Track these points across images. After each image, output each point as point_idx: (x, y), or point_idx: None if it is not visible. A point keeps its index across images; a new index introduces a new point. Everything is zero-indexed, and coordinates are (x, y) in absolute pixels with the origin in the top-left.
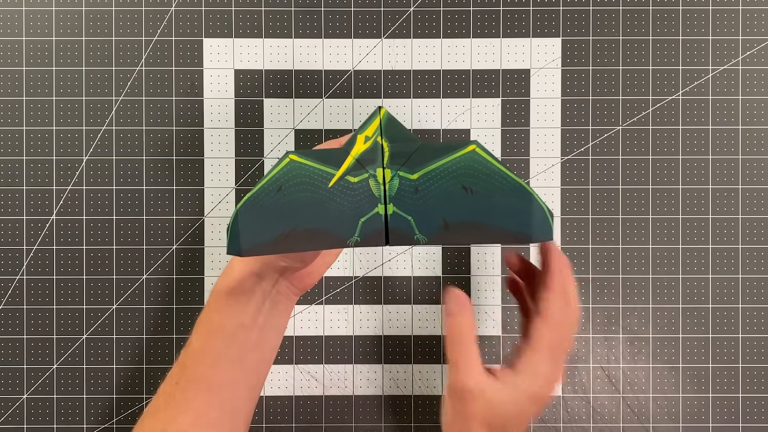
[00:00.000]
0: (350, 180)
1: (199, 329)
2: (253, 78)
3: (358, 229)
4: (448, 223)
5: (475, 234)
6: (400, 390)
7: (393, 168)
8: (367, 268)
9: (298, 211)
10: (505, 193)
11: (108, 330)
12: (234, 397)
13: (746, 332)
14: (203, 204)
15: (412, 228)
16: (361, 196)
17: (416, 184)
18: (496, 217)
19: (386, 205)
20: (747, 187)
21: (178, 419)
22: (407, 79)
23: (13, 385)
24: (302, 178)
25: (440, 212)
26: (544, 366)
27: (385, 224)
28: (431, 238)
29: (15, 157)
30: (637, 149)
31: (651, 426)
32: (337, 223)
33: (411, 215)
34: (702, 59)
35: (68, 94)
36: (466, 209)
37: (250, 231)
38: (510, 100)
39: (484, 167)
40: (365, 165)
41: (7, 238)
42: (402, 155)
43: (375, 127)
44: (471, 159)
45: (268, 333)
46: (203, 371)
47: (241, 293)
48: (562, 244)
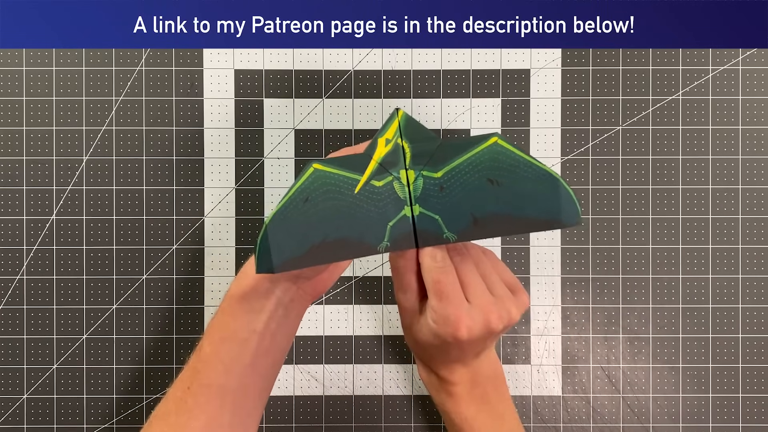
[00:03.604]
0: (375, 184)
1: (212, 334)
2: (253, 78)
3: (387, 233)
4: (477, 217)
5: (505, 225)
6: (400, 390)
7: (416, 168)
8: (367, 268)
9: (327, 221)
10: (531, 181)
11: (108, 330)
12: (246, 401)
13: (746, 332)
14: (203, 204)
15: (440, 227)
16: (387, 200)
17: (441, 182)
18: (524, 207)
19: (412, 206)
20: (747, 187)
21: (191, 424)
22: (407, 79)
23: (13, 385)
24: (328, 186)
25: (467, 208)
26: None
27: (413, 226)
28: (460, 234)
29: (15, 157)
30: (637, 149)
31: (651, 426)
32: (366, 230)
33: (438, 214)
34: (702, 59)
35: (68, 94)
36: (494, 202)
37: (280, 246)
38: (510, 100)
39: (508, 158)
40: (388, 168)
41: (7, 238)
42: (424, 155)
43: (394, 129)
44: (494, 151)
45: (280, 338)
46: (216, 377)
47: (255, 299)
48: (562, 244)
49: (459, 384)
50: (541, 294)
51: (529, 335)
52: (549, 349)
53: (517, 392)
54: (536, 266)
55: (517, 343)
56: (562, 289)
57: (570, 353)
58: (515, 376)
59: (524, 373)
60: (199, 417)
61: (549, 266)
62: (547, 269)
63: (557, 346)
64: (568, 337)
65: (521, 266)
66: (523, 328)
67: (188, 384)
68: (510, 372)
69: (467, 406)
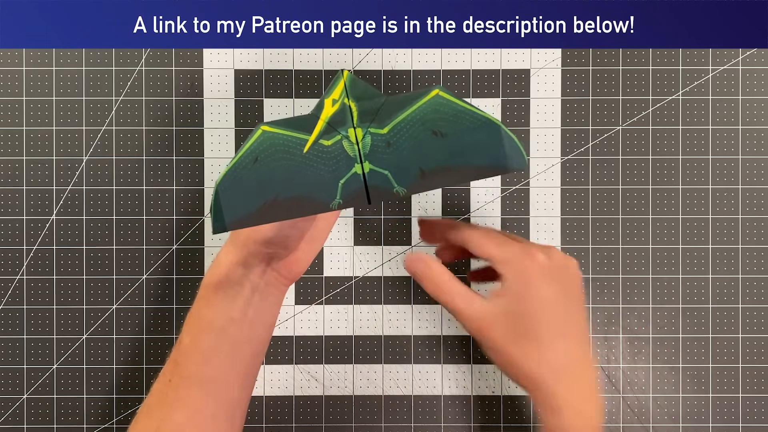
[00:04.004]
0: (324, 143)
1: (189, 325)
2: (253, 78)
3: (339, 191)
4: (424, 170)
5: (452, 176)
6: (400, 390)
7: (363, 126)
8: (367, 268)
9: (277, 180)
10: (473, 129)
11: (108, 330)
12: (228, 391)
13: (746, 332)
14: (203, 204)
15: (390, 182)
16: (337, 158)
17: (387, 137)
18: (468, 156)
19: (362, 163)
20: (747, 187)
21: (173, 417)
22: (407, 80)
23: (13, 385)
24: (277, 147)
25: (415, 161)
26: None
27: (364, 183)
28: (410, 187)
29: (15, 157)
30: (637, 149)
31: (651, 426)
32: (318, 188)
33: (387, 169)
34: (702, 59)
35: (68, 94)
36: (439, 153)
37: (232, 205)
38: (510, 100)
39: (450, 108)
40: (336, 127)
41: (7, 238)
42: (370, 112)
43: (340, 89)
44: (436, 103)
45: (259, 326)
46: (195, 368)
47: (229, 286)
48: (562, 244)
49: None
50: None
51: None
52: None
53: (518, 392)
54: None
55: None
56: None
57: None
58: None
59: None
60: (181, 409)
61: None
62: None
63: None
64: None
65: None
66: None
67: (169, 377)
68: None
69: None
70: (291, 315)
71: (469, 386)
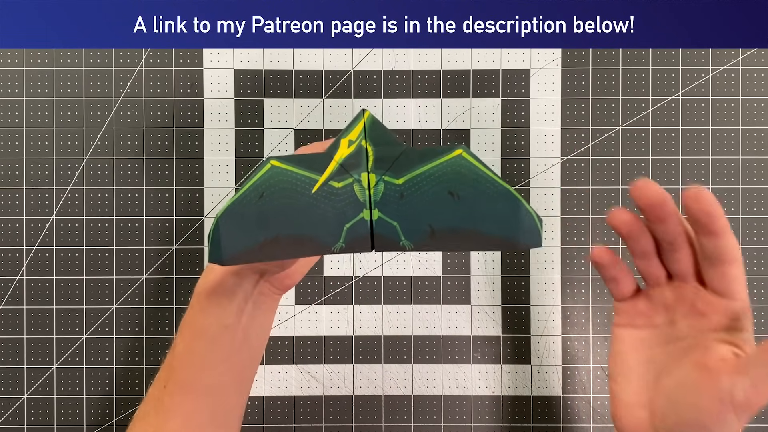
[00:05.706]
0: (334, 185)
1: (183, 331)
2: (253, 78)
3: (343, 235)
4: (435, 229)
5: (462, 241)
6: (400, 390)
7: (378, 173)
8: (367, 268)
9: (281, 218)
10: (492, 198)
11: (108, 330)
12: (223, 398)
13: None
14: (203, 204)
15: (397, 234)
16: (346, 201)
17: (401, 189)
18: (482, 223)
19: (371, 210)
20: (747, 187)
21: (168, 424)
22: (407, 79)
23: (13, 385)
24: (284, 184)
25: (426, 218)
26: None
27: (370, 230)
28: (417, 244)
29: (15, 157)
30: (637, 149)
31: None
32: (321, 230)
33: (396, 221)
34: (702, 59)
35: (68, 94)
36: (452, 215)
37: (231, 239)
38: (510, 100)
39: (471, 172)
40: (349, 170)
41: (7, 238)
42: (387, 160)
43: (359, 130)
44: (457, 164)
45: (253, 333)
46: (190, 375)
47: (222, 294)
48: (562, 244)
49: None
50: (541, 294)
51: (529, 335)
52: (549, 349)
53: (517, 392)
54: (536, 266)
55: (517, 343)
56: (562, 289)
57: (570, 353)
58: (515, 376)
59: (524, 373)
60: (177, 416)
61: (549, 266)
62: (547, 269)
63: (557, 346)
64: (568, 337)
65: (521, 266)
66: (523, 329)
67: (164, 383)
68: (510, 372)
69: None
70: (291, 315)
71: (470, 386)
